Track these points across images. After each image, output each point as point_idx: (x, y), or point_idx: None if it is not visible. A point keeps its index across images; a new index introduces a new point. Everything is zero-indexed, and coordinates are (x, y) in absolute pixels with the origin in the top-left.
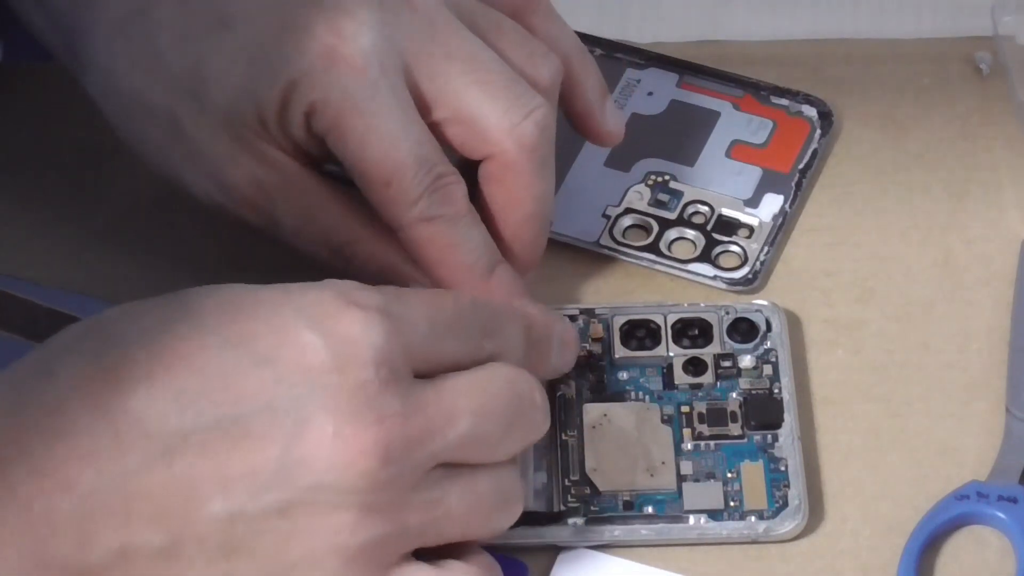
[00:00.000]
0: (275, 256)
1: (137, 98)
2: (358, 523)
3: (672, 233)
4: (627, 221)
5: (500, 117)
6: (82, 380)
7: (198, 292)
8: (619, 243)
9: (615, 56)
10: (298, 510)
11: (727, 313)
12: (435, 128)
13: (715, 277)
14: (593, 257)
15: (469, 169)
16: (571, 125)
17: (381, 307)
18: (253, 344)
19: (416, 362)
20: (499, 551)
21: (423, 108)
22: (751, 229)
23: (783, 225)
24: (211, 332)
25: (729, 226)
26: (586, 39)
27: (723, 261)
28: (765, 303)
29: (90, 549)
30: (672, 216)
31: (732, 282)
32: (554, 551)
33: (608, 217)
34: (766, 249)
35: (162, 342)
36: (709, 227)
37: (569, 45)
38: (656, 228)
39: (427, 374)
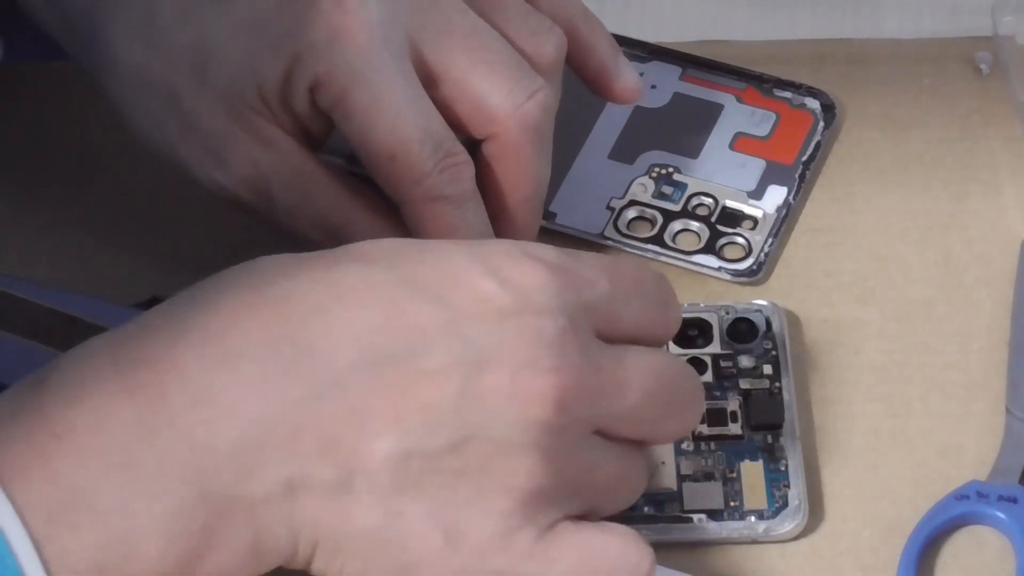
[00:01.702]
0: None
1: (138, 73)
2: (534, 467)
3: (676, 225)
4: (631, 213)
5: (504, 97)
6: (247, 309)
7: (360, 244)
8: (623, 235)
9: None
10: (472, 449)
11: (727, 313)
12: (438, 105)
13: (720, 268)
14: (597, 249)
15: (469, 150)
16: (589, 88)
17: (559, 262)
18: (426, 284)
19: (597, 319)
20: None
21: (427, 84)
22: (755, 221)
23: (787, 216)
24: (382, 271)
25: (733, 218)
26: None
27: (727, 252)
28: (765, 303)
29: (254, 481)
30: (676, 208)
31: (737, 273)
32: None
33: (612, 209)
34: (770, 240)
35: (332, 279)
36: (713, 219)
37: (573, 10)
38: (660, 220)
39: (608, 336)
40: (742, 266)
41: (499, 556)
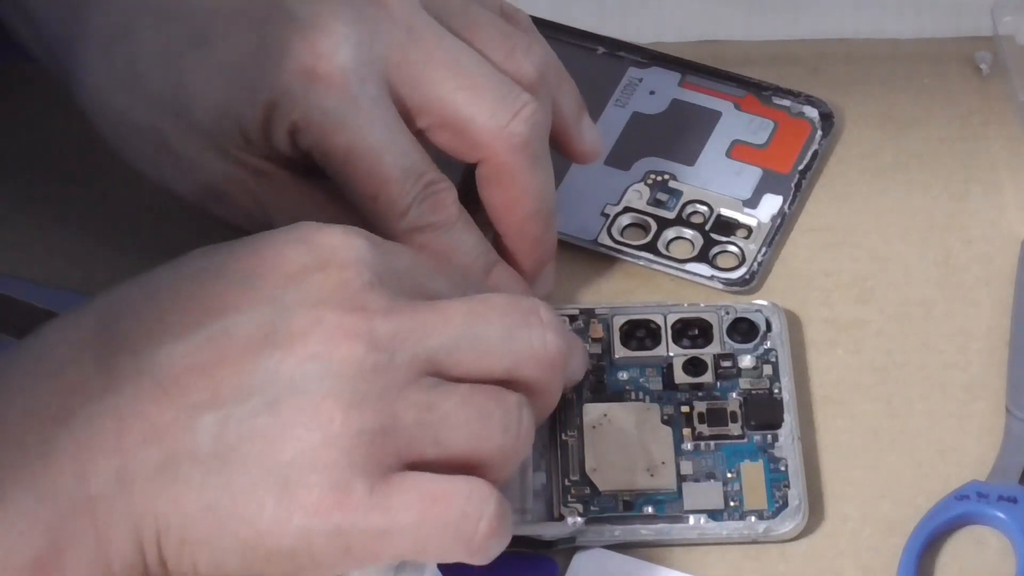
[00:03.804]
0: None
1: (123, 119)
2: (348, 413)
3: (670, 232)
4: (626, 220)
5: (488, 120)
6: (68, 332)
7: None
8: (617, 242)
9: (617, 55)
10: (285, 405)
11: (727, 313)
12: (423, 135)
13: (712, 277)
14: (591, 255)
15: (471, 169)
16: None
17: (363, 232)
18: (233, 267)
19: (405, 285)
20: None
21: (409, 117)
22: (749, 230)
23: (781, 226)
24: (188, 268)
25: (727, 226)
26: (588, 37)
27: (721, 261)
28: (765, 303)
29: (88, 479)
30: (671, 215)
31: (729, 282)
32: (569, 551)
33: (607, 216)
34: (764, 250)
35: (143, 281)
36: (707, 227)
37: (547, 66)
38: (654, 227)
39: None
40: (735, 275)
41: (336, 512)
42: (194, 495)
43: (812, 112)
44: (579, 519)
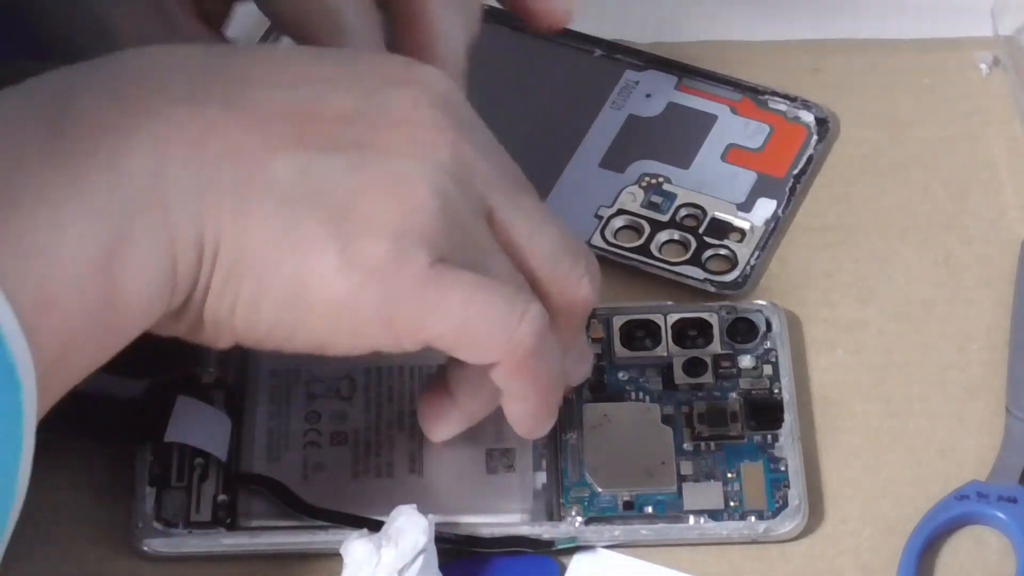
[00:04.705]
0: None
1: None
2: (432, 195)
3: (663, 235)
4: (619, 222)
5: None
6: (167, 55)
7: None
8: (610, 244)
9: (614, 57)
10: (372, 167)
11: (727, 313)
12: None
13: (704, 280)
14: None
15: None
16: (521, 19)
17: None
18: (338, 56)
19: (489, 158)
20: (503, 546)
21: None
22: (743, 233)
23: (775, 230)
24: (296, 48)
25: (721, 229)
26: (585, 39)
27: (713, 264)
28: (765, 303)
29: (164, 176)
30: (664, 218)
31: (721, 285)
32: (569, 551)
33: (600, 218)
34: (757, 253)
35: (257, 49)
36: (701, 230)
37: None
38: (648, 230)
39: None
40: (727, 278)
41: (393, 278)
42: (259, 221)
43: (808, 117)
44: (579, 519)
